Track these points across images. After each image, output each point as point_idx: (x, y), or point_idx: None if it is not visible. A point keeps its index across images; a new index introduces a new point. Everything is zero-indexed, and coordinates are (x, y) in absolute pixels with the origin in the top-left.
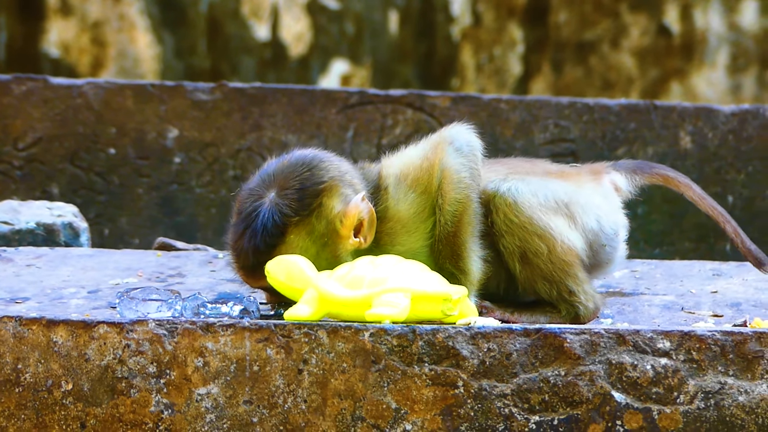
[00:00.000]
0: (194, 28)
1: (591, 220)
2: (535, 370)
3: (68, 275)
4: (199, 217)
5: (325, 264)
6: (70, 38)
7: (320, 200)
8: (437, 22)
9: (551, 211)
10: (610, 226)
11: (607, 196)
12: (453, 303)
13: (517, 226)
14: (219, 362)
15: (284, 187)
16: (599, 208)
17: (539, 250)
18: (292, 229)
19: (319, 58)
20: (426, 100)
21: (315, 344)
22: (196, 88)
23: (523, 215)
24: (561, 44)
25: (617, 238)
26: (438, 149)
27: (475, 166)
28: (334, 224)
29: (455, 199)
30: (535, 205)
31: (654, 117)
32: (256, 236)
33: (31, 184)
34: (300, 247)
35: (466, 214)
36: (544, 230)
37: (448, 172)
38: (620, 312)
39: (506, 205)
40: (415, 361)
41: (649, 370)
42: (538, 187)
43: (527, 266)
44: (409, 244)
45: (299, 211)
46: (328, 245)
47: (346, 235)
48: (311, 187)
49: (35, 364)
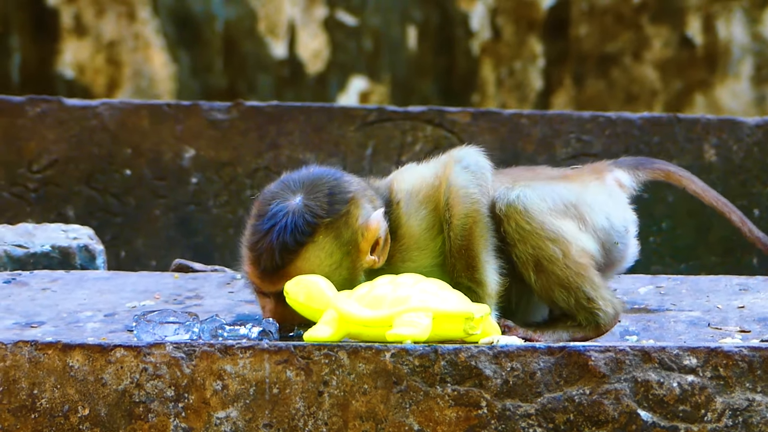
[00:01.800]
0: (210, 46)
1: (601, 218)
2: (559, 389)
3: (84, 299)
4: (217, 237)
5: (343, 276)
6: (85, 59)
7: (348, 208)
8: (456, 37)
9: (561, 215)
10: (620, 223)
11: (613, 193)
12: (475, 322)
13: (530, 233)
14: (238, 385)
15: (313, 192)
16: (607, 205)
17: (554, 255)
18: (322, 230)
19: (337, 75)
20: (446, 116)
21: (335, 366)
22: (212, 108)
23: (535, 221)
24: (582, 57)
25: (628, 235)
26: (446, 168)
27: (484, 183)
28: (357, 235)
29: (464, 213)
30: (545, 210)
31: (677, 130)
32: (285, 233)
33: (47, 207)
34: (326, 250)
35: (476, 226)
36: (556, 234)
37: (455, 188)
38: (646, 329)
39: (516, 213)
40: (438, 381)
41: (675, 388)
42: (546, 192)
43: (542, 274)
44: (420, 260)
45: (330, 213)
46: (350, 255)
47: (364, 250)
48: (340, 194)
49: (51, 389)
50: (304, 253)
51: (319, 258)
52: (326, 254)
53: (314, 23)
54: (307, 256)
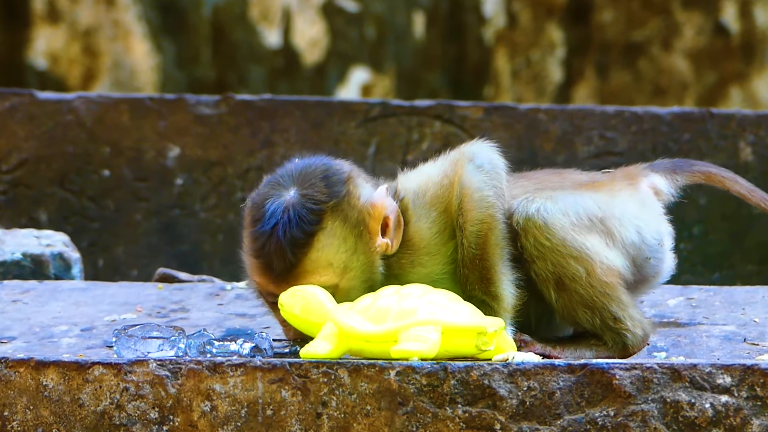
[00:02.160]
0: (197, 34)
1: (630, 232)
2: (581, 410)
3: (59, 311)
4: (204, 244)
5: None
6: (59, 47)
7: (347, 187)
8: (468, 24)
9: (585, 230)
10: (652, 236)
11: (646, 202)
12: (488, 337)
13: (550, 250)
14: (228, 406)
15: (306, 180)
16: (638, 218)
17: (576, 274)
18: (329, 215)
19: (336, 66)
20: (456, 111)
21: (335, 385)
22: (199, 102)
23: (555, 237)
24: (606, 46)
25: (662, 249)
26: (458, 166)
27: (499, 184)
28: (364, 214)
29: (478, 218)
30: (567, 226)
31: (710, 126)
32: (290, 227)
33: (17, 211)
34: (338, 236)
35: (491, 234)
36: (579, 251)
37: (469, 190)
38: (675, 344)
39: (536, 228)
40: (447, 402)
41: (708, 409)
42: (569, 205)
43: (564, 293)
44: (431, 266)
45: (332, 196)
46: (363, 237)
47: (374, 230)
48: (335, 176)
49: (23, 410)
50: (316, 243)
51: (334, 245)
52: (340, 240)
53: (311, 9)
54: (320, 245)
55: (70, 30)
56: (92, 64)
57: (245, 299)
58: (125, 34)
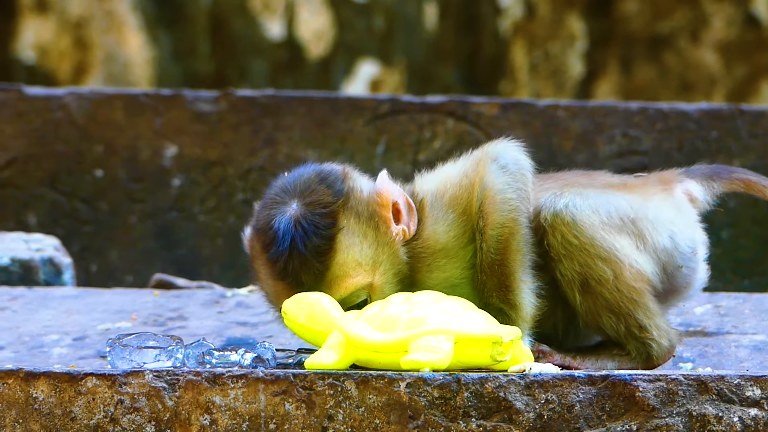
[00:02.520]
0: (195, 26)
1: (663, 237)
2: (602, 424)
3: (49, 320)
4: (203, 249)
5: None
6: (48, 40)
7: (347, 183)
8: (483, 15)
9: (615, 230)
10: (686, 244)
11: (681, 208)
12: (504, 346)
13: (577, 249)
14: (229, 419)
15: (305, 189)
16: (672, 223)
17: (603, 276)
18: (341, 214)
19: (343, 60)
20: (470, 107)
21: (342, 397)
22: (197, 98)
23: (584, 236)
24: (630, 39)
25: (695, 258)
26: (480, 166)
27: (524, 187)
28: (373, 204)
29: (499, 222)
30: (596, 224)
31: (740, 124)
32: (307, 237)
33: (4, 213)
34: (358, 233)
35: (513, 239)
36: (608, 252)
37: (491, 191)
38: (702, 355)
39: (564, 225)
40: (461, 415)
41: (736, 423)
42: (600, 202)
43: (589, 296)
44: (450, 271)
45: (337, 195)
46: (379, 228)
47: (386, 218)
48: (330, 176)
49: (12, 424)
50: (338, 245)
51: (356, 243)
52: (360, 236)
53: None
54: (343, 246)
55: (60, 21)
56: (84, 57)
57: (246, 307)
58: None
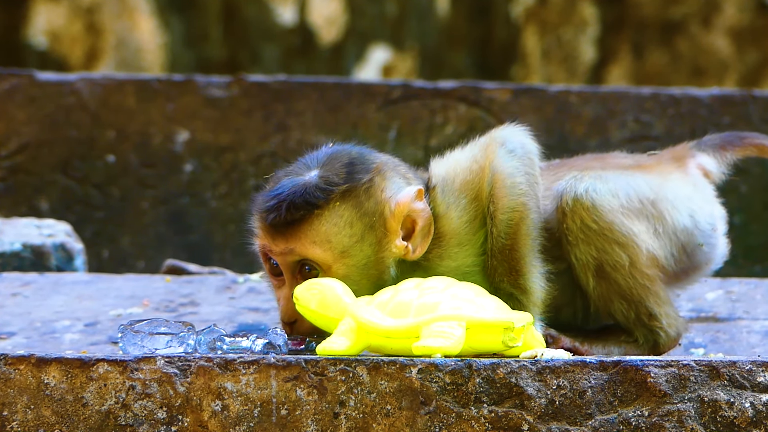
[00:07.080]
0: (207, 11)
1: (683, 217)
2: (613, 410)
3: (61, 305)
4: (215, 234)
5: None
6: (60, 25)
7: (371, 176)
8: (495, 1)
9: (635, 214)
10: (706, 221)
11: (698, 184)
12: (516, 332)
13: (596, 233)
14: (240, 405)
15: (329, 164)
16: (691, 200)
17: (619, 262)
18: (337, 196)
19: (355, 45)
20: (482, 93)
21: (353, 383)
22: (209, 83)
23: (603, 220)
24: (642, 24)
25: (715, 234)
26: (488, 151)
27: (532, 171)
28: (383, 208)
29: (509, 206)
30: (616, 208)
31: (752, 109)
32: (295, 194)
33: (16, 199)
34: (344, 218)
35: (523, 223)
36: (626, 237)
37: (500, 176)
38: (714, 340)
39: (584, 209)
40: (472, 401)
41: (748, 409)
42: (619, 186)
43: (603, 281)
44: (461, 258)
45: (348, 181)
46: (375, 230)
47: (393, 229)
48: (361, 164)
49: (23, 410)
50: (317, 215)
51: (336, 225)
52: (344, 222)
53: None
54: (321, 219)
55: (72, 6)
56: (95, 42)
57: (258, 292)
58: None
